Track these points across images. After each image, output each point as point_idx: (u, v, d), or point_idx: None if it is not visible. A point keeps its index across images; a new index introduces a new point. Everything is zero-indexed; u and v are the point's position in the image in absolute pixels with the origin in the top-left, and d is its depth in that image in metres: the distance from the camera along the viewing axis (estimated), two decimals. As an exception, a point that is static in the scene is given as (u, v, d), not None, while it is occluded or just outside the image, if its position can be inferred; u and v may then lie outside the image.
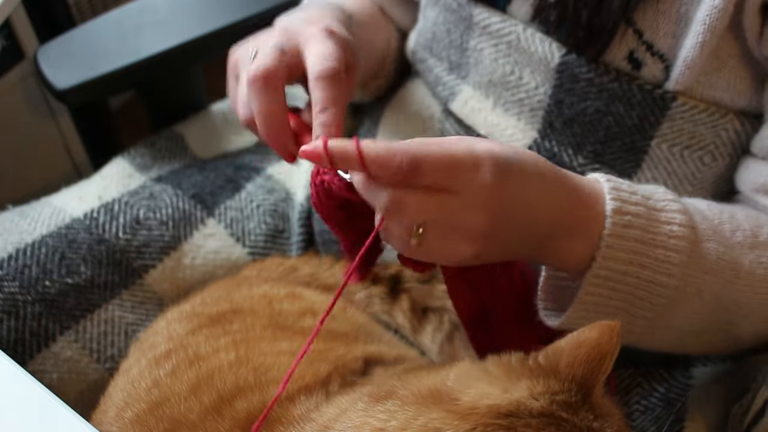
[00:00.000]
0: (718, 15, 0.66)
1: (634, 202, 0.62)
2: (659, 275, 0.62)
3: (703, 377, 0.79)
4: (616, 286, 0.62)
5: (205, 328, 0.74)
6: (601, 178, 0.64)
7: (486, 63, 0.79)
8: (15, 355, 0.80)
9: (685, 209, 0.64)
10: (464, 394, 0.53)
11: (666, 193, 0.65)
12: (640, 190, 0.64)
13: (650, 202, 0.63)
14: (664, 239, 0.62)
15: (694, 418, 0.75)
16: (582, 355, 0.53)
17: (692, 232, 0.63)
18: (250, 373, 0.66)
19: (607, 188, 0.62)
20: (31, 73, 1.28)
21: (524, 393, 0.52)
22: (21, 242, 0.85)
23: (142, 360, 0.72)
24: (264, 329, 0.74)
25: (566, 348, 0.54)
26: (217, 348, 0.70)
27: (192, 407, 0.63)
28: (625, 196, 0.62)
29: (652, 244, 0.62)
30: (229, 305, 0.78)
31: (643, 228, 0.62)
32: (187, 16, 1.05)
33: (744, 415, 0.69)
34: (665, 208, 0.63)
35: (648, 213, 0.62)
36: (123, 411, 0.66)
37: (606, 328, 0.54)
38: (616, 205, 0.61)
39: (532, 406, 0.51)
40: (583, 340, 0.54)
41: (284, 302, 0.79)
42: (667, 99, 0.71)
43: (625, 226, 0.61)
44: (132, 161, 0.99)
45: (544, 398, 0.52)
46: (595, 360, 0.53)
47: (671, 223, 0.63)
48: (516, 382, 0.53)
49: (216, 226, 0.92)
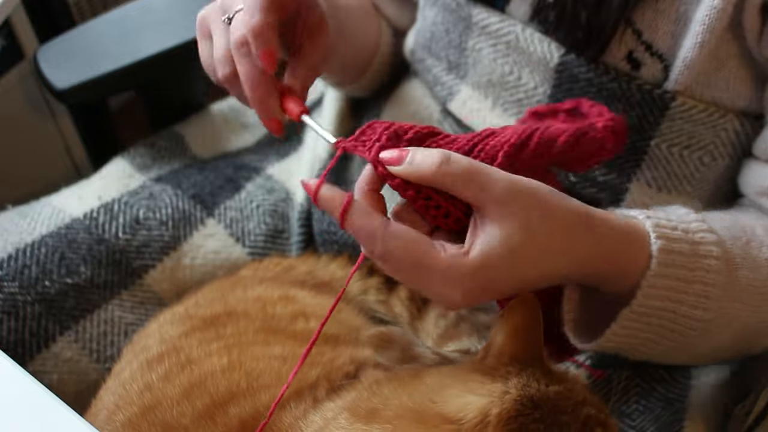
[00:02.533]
0: (718, 15, 0.66)
1: (677, 239, 0.62)
2: (696, 310, 0.62)
3: (702, 377, 0.79)
4: (651, 320, 0.62)
5: (198, 331, 0.74)
6: (640, 215, 0.63)
7: (485, 63, 0.79)
8: (15, 355, 0.80)
9: (720, 240, 0.64)
10: (464, 411, 0.53)
11: (699, 221, 0.64)
12: (679, 224, 0.63)
13: (689, 236, 0.63)
14: (703, 274, 0.62)
15: (694, 418, 0.75)
16: (524, 339, 0.56)
17: (727, 264, 0.63)
18: (243, 379, 0.66)
19: (651, 226, 0.61)
20: (31, 73, 1.28)
21: (517, 387, 0.54)
22: (21, 242, 0.85)
23: (134, 362, 0.72)
24: (257, 333, 0.74)
25: (507, 340, 0.56)
26: (210, 352, 0.70)
27: (185, 412, 0.63)
28: (668, 233, 0.61)
29: (692, 281, 0.62)
30: (223, 308, 0.78)
31: (685, 266, 0.61)
32: (187, 16, 1.05)
33: (746, 416, 0.69)
34: (703, 241, 0.63)
35: (690, 249, 0.62)
36: (114, 414, 0.66)
37: (524, 305, 0.57)
38: (662, 244, 0.61)
39: (531, 395, 0.53)
40: (517, 327, 0.56)
41: (277, 305, 0.79)
42: (666, 99, 0.71)
43: (669, 265, 0.61)
44: (132, 161, 0.99)
45: (532, 385, 0.54)
46: (534, 337, 0.57)
47: (709, 256, 0.62)
48: (500, 381, 0.55)
49: (216, 226, 0.92)
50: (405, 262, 0.54)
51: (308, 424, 0.60)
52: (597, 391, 0.78)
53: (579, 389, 0.58)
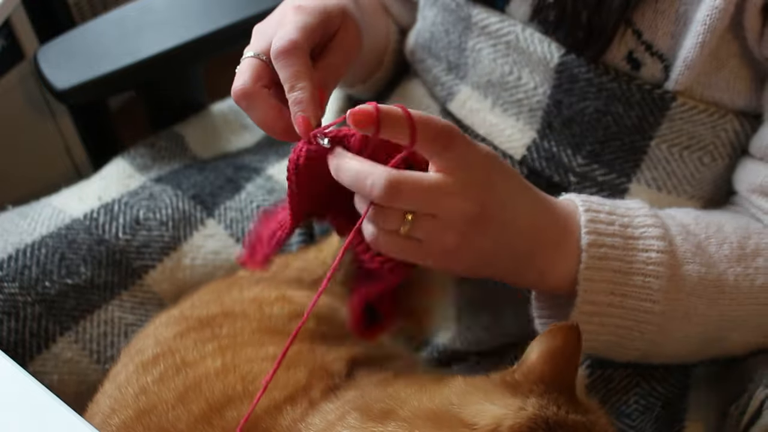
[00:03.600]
0: (719, 15, 0.66)
1: (611, 233, 0.64)
2: (642, 302, 0.63)
3: (702, 377, 0.79)
4: (604, 320, 0.64)
5: (194, 332, 0.74)
6: (579, 203, 0.65)
7: (485, 63, 0.79)
8: (15, 356, 0.80)
9: (665, 234, 0.65)
10: (479, 417, 0.54)
11: (646, 216, 0.66)
12: (618, 218, 0.65)
13: (628, 230, 0.64)
14: (641, 266, 0.64)
15: (694, 418, 0.75)
16: (556, 364, 0.57)
17: (671, 257, 0.64)
18: (238, 382, 0.66)
19: (584, 220, 0.64)
20: (31, 73, 1.28)
21: (535, 407, 0.54)
22: (21, 243, 0.85)
23: (129, 365, 0.72)
24: (253, 334, 0.74)
25: (539, 360, 0.57)
26: (205, 354, 0.70)
27: (180, 416, 0.63)
28: (601, 228, 0.63)
29: (629, 272, 0.63)
30: (219, 308, 0.78)
31: (620, 258, 0.63)
32: (187, 16, 1.05)
33: (741, 416, 0.69)
34: (643, 235, 0.65)
35: (624, 243, 0.64)
36: (109, 418, 0.66)
37: (568, 331, 0.58)
38: (591, 238, 0.63)
39: (548, 416, 0.54)
40: (553, 350, 0.57)
41: (274, 306, 0.79)
42: (666, 99, 0.71)
43: (601, 258, 0.63)
44: (132, 161, 0.99)
45: (551, 408, 0.55)
46: (568, 365, 0.57)
47: (648, 250, 0.64)
48: (520, 397, 0.55)
49: (216, 227, 0.92)
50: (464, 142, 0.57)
51: (308, 426, 0.60)
52: (597, 391, 0.78)
53: (603, 424, 0.58)
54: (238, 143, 1.07)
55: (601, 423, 0.58)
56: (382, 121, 0.55)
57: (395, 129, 0.56)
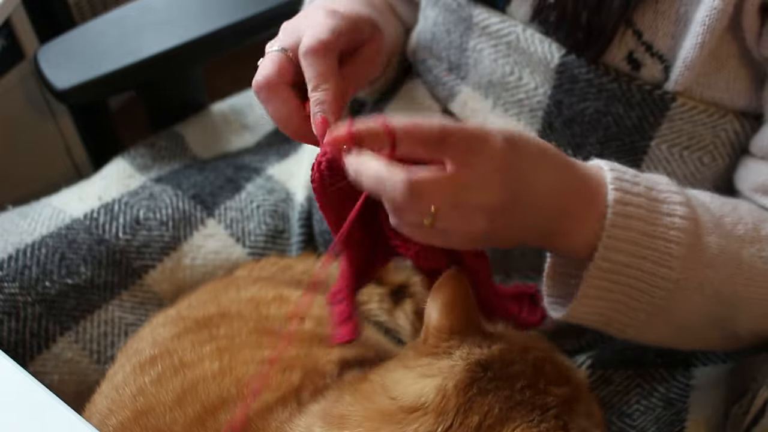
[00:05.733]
0: (718, 16, 0.66)
1: (636, 193, 0.62)
2: (660, 267, 0.62)
3: (703, 377, 0.79)
4: (619, 279, 0.62)
5: (191, 332, 0.74)
6: (605, 165, 0.63)
7: (485, 63, 0.79)
8: (16, 356, 0.80)
9: (688, 201, 0.64)
10: (422, 396, 0.56)
11: (669, 184, 0.65)
12: (644, 180, 0.64)
13: (653, 192, 0.63)
14: (664, 231, 0.62)
15: (695, 418, 0.75)
16: (457, 312, 0.60)
17: (694, 224, 0.63)
18: (233, 385, 0.66)
19: (610, 177, 0.62)
20: (31, 73, 1.28)
21: (463, 357, 0.58)
22: (21, 243, 0.85)
23: (126, 366, 0.72)
24: (249, 335, 0.74)
25: (441, 316, 0.60)
26: (202, 355, 0.70)
27: (177, 418, 0.63)
28: (627, 186, 0.62)
29: (653, 235, 0.62)
30: (217, 309, 0.78)
31: (644, 219, 0.62)
32: (187, 16, 1.05)
33: (744, 416, 0.69)
34: (667, 200, 0.63)
35: (649, 204, 0.62)
36: (107, 418, 0.66)
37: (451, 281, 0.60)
38: (618, 195, 0.61)
39: (478, 359, 0.58)
40: (449, 302, 0.60)
41: (271, 306, 0.79)
42: (666, 99, 0.71)
43: (627, 216, 0.61)
44: (132, 161, 0.99)
45: (475, 350, 0.59)
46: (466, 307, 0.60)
47: (673, 215, 0.63)
48: (444, 358, 0.59)
49: (216, 227, 0.92)
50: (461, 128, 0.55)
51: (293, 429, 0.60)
52: (598, 391, 0.78)
53: (518, 338, 0.62)
54: (238, 143, 1.07)
55: (516, 340, 0.61)
56: (359, 139, 0.55)
57: (375, 142, 0.55)
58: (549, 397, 0.57)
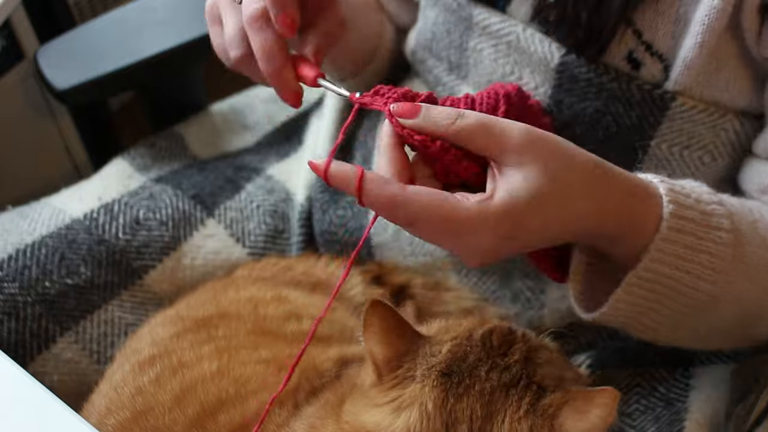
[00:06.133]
0: (717, 15, 0.66)
1: (689, 206, 0.62)
2: (702, 282, 0.62)
3: (703, 377, 0.79)
4: (656, 288, 0.62)
5: (190, 332, 0.74)
6: (655, 178, 0.63)
7: (486, 63, 0.79)
8: (16, 356, 0.80)
9: (730, 213, 0.64)
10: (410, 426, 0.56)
11: (710, 193, 0.64)
12: (692, 192, 0.63)
13: (701, 205, 0.62)
14: (710, 245, 0.62)
15: (695, 418, 0.75)
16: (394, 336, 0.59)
17: (736, 237, 0.63)
18: (231, 385, 0.66)
19: (664, 189, 0.61)
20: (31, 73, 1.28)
21: (426, 375, 0.58)
22: (21, 243, 0.85)
23: (125, 365, 0.72)
24: (247, 335, 0.74)
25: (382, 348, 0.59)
26: (201, 356, 0.70)
27: (176, 419, 0.63)
28: (681, 199, 0.61)
29: (699, 249, 0.61)
30: (215, 309, 0.78)
31: (694, 234, 0.61)
32: (187, 16, 1.05)
33: (747, 417, 0.68)
34: (714, 212, 0.63)
35: (701, 218, 0.62)
36: (105, 418, 0.66)
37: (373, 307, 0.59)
38: (673, 208, 0.60)
39: (440, 369, 0.58)
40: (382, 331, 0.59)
41: (270, 306, 0.79)
42: (666, 99, 0.71)
43: (679, 230, 0.61)
44: (132, 161, 0.99)
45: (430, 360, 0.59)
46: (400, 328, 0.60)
47: (720, 228, 0.62)
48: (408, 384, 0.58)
49: (216, 227, 0.92)
50: (433, 220, 0.54)
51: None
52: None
53: (457, 329, 0.62)
54: (238, 143, 1.07)
55: (459, 331, 0.61)
56: (330, 180, 0.55)
57: (343, 188, 0.55)
58: (511, 371, 0.58)
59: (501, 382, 0.58)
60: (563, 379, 0.60)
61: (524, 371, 0.58)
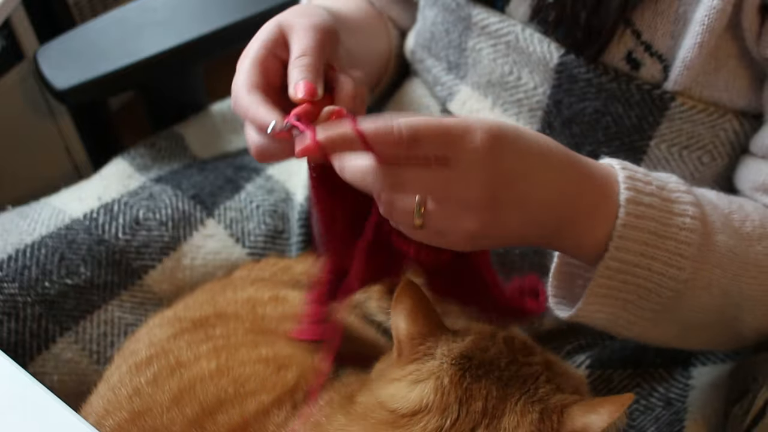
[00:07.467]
0: (717, 15, 0.66)
1: (649, 192, 0.62)
2: (670, 268, 0.62)
3: (703, 377, 0.79)
4: (627, 278, 0.62)
5: (188, 333, 0.74)
6: (616, 164, 0.63)
7: (484, 63, 0.79)
8: (15, 356, 0.80)
9: (698, 201, 0.64)
10: (422, 399, 0.58)
11: (679, 183, 0.64)
12: (655, 180, 0.63)
13: (664, 192, 0.63)
14: (676, 231, 0.62)
15: (694, 418, 0.75)
16: (421, 318, 0.62)
17: (703, 224, 0.63)
18: (230, 385, 0.66)
19: (622, 176, 0.61)
20: (31, 73, 1.28)
21: (445, 355, 0.60)
22: (20, 243, 0.85)
23: (122, 366, 0.72)
24: (246, 335, 0.74)
25: (408, 324, 0.62)
26: (199, 355, 0.70)
27: (175, 419, 0.63)
28: (639, 186, 0.61)
29: (664, 235, 0.61)
30: (213, 309, 0.78)
31: (656, 219, 0.61)
32: (187, 16, 1.05)
33: (744, 416, 0.68)
34: (678, 200, 0.63)
35: (662, 204, 0.62)
36: (103, 419, 0.66)
37: (407, 289, 0.62)
38: (630, 194, 0.60)
39: (459, 353, 0.60)
40: (411, 311, 0.62)
41: (268, 306, 0.79)
42: (665, 99, 0.71)
43: (639, 216, 0.61)
44: (132, 161, 0.99)
45: (451, 346, 0.61)
46: (429, 312, 0.63)
47: (684, 215, 0.62)
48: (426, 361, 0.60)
49: (216, 227, 0.92)
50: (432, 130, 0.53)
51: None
52: (597, 391, 0.78)
53: (480, 329, 0.65)
54: (238, 143, 1.07)
55: (481, 330, 0.64)
56: (329, 147, 0.54)
57: (348, 147, 0.54)
58: (532, 367, 0.61)
59: (520, 375, 0.60)
60: (579, 392, 0.62)
61: (544, 372, 0.61)
